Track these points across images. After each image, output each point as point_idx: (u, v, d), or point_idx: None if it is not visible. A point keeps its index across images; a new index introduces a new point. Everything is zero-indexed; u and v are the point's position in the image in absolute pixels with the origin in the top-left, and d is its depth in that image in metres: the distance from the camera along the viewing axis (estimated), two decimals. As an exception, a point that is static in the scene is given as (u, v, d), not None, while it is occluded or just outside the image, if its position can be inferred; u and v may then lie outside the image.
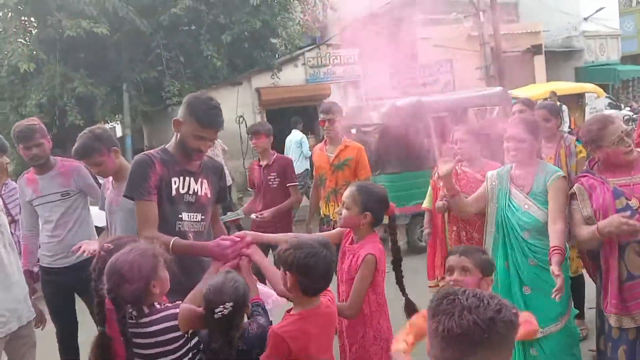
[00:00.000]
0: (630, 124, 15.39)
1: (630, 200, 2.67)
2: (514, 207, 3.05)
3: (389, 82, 16.94)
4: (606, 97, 14.92)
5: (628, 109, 16.58)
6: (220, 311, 2.12)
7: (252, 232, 2.75)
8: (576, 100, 13.64)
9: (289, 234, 3.15)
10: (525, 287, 3.01)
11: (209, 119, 2.72)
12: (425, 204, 4.42)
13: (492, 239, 3.16)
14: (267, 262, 2.58)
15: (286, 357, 2.15)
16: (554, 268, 2.74)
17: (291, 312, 2.28)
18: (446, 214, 3.89)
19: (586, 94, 13.45)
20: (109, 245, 2.39)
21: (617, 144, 2.70)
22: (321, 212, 4.89)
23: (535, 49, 18.34)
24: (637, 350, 2.71)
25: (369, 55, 16.67)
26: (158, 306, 2.21)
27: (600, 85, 18.85)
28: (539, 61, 18.82)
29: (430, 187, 4.36)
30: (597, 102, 13.52)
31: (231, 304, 2.14)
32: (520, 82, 17.26)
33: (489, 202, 3.18)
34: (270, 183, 4.98)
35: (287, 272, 2.19)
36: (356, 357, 2.62)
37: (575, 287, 4.00)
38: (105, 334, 2.35)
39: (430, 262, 4.43)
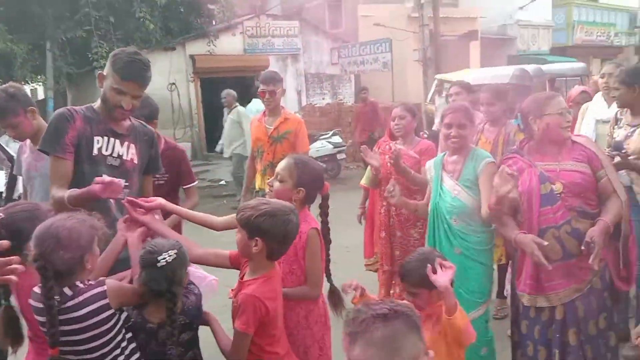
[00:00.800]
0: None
1: (554, 185, 2.70)
2: (444, 193, 3.06)
3: (329, 57, 16.90)
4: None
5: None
6: (164, 258, 2.03)
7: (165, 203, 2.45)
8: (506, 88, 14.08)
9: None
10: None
11: (129, 70, 2.54)
12: (364, 181, 4.37)
13: (429, 227, 3.18)
14: (168, 231, 2.38)
15: (263, 318, 2.12)
16: None
17: (250, 278, 2.20)
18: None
19: (517, 82, 13.87)
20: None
21: (560, 115, 2.73)
22: (256, 186, 4.73)
23: (472, 35, 18.70)
24: (550, 332, 2.77)
25: (310, 29, 16.54)
26: (81, 285, 1.99)
27: (529, 74, 19.62)
28: (475, 47, 19.25)
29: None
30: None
31: (175, 251, 2.07)
32: (455, 66, 17.61)
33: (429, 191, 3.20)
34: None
35: (257, 238, 2.11)
36: (300, 335, 2.52)
37: (500, 274, 4.12)
38: (12, 308, 2.15)
39: (367, 240, 4.42)
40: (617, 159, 3.28)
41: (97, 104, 2.68)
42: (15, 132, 3.19)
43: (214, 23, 14.27)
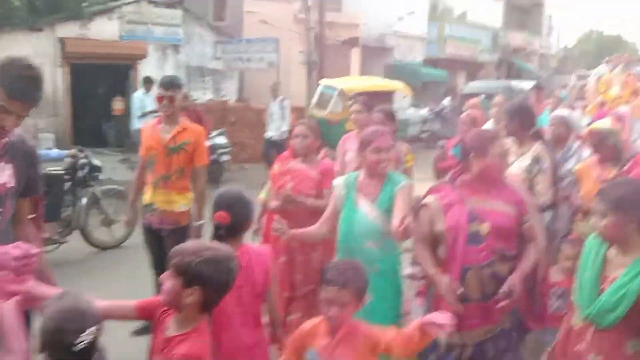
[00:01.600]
0: (427, 123, 17.02)
1: (482, 225, 2.72)
2: (360, 216, 3.01)
3: (212, 51, 16.32)
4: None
5: (427, 109, 18.29)
6: (82, 341, 1.63)
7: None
8: (386, 97, 14.58)
9: None
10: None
11: (19, 88, 2.19)
12: (263, 194, 4.20)
13: (339, 249, 3.10)
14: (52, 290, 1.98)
15: None
16: None
17: (179, 333, 1.93)
18: None
19: (395, 92, 14.42)
20: None
21: (502, 157, 2.80)
22: (146, 200, 4.32)
23: (354, 41, 19.22)
24: None
25: (194, 20, 15.85)
26: None
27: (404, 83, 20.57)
28: (356, 53, 19.80)
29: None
30: (403, 101, 14.59)
31: (95, 327, 1.69)
32: (337, 71, 17.95)
33: (339, 212, 3.10)
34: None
35: (196, 287, 1.87)
36: None
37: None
38: None
39: None
40: None
41: None
42: None
43: (88, 4, 13.11)
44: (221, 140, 10.75)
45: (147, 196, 4.32)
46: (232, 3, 19.78)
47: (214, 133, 10.78)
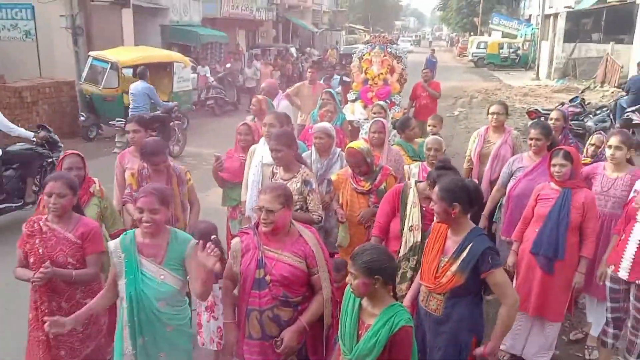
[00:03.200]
0: (211, 90, 16.92)
1: (266, 275, 2.95)
2: (147, 278, 2.93)
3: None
4: (190, 61, 15.81)
5: (207, 69, 18.12)
6: None
7: None
8: (164, 68, 14.04)
9: None
10: (162, 354, 2.98)
11: None
12: None
13: (124, 312, 2.95)
14: None
15: None
16: None
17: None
18: None
19: (174, 63, 13.92)
20: None
21: (258, 211, 3.00)
22: None
23: (124, 2, 17.84)
24: None
25: None
26: None
27: (183, 46, 19.93)
28: (127, 15, 18.42)
29: None
30: (183, 71, 14.19)
31: None
32: (108, 36, 16.60)
33: (119, 279, 2.95)
34: None
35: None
36: None
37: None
38: None
39: None
40: None
41: None
42: None
43: None
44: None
45: None
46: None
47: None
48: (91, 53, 13.15)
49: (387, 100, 9.43)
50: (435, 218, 3.17)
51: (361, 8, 66.47)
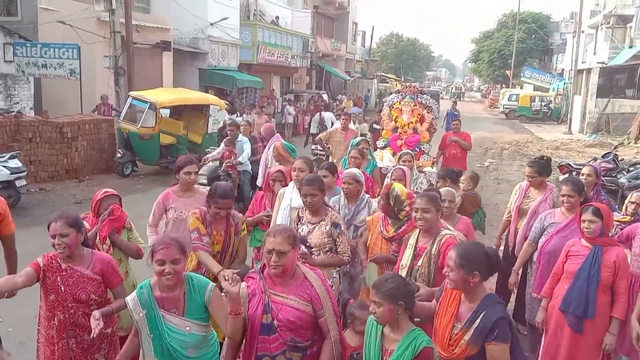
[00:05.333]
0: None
1: (274, 320, 2.93)
2: (173, 332, 2.91)
3: (2, 53, 14.58)
4: (225, 104, 16.18)
5: (245, 116, 18.49)
6: None
7: None
8: (201, 110, 14.45)
9: None
10: None
11: None
12: None
13: None
14: None
15: None
16: None
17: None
18: None
19: (210, 105, 14.31)
20: None
21: (267, 254, 2.93)
22: None
23: (165, 45, 18.59)
24: None
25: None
26: None
27: (219, 89, 20.52)
28: (167, 58, 19.17)
29: None
30: (219, 113, 14.56)
31: None
32: (148, 77, 17.24)
33: (142, 333, 2.94)
34: None
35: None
36: None
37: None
38: None
39: None
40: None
41: None
42: None
43: None
44: (15, 163, 9.70)
45: None
46: (24, -3, 17.80)
47: (6, 156, 9.71)
48: (131, 93, 13.64)
49: (415, 149, 9.53)
50: (448, 284, 3.01)
51: (393, 58, 67.68)
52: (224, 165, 9.00)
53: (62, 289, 3.26)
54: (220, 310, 2.96)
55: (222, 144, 9.47)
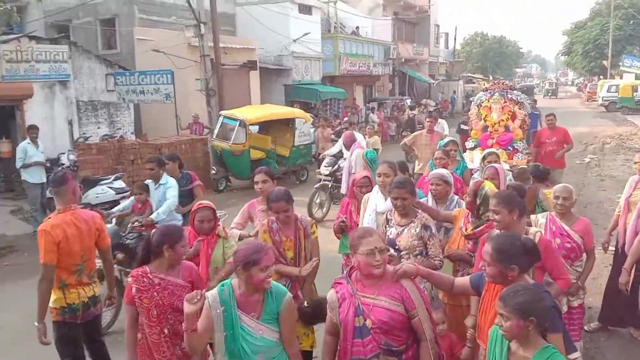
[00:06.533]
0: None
1: (366, 321, 2.91)
2: (246, 333, 2.92)
3: (104, 84, 15.75)
4: (310, 117, 16.39)
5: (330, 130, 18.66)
6: None
7: None
8: (287, 123, 14.80)
9: None
10: None
11: None
12: None
13: None
14: None
15: None
16: None
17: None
18: None
19: (296, 119, 14.62)
20: None
21: (367, 256, 2.91)
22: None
23: (251, 64, 19.28)
24: None
25: (81, 53, 15.21)
26: None
27: (304, 103, 20.92)
28: (254, 76, 19.86)
29: None
30: (304, 126, 14.82)
31: None
32: (237, 95, 17.92)
33: (215, 329, 2.94)
34: None
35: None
36: None
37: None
38: None
39: None
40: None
41: None
42: None
43: (-39, 45, 12.20)
44: (119, 184, 10.42)
45: None
46: (121, 31, 19.18)
47: (111, 178, 10.45)
48: (222, 112, 14.23)
49: (509, 148, 9.16)
50: (487, 279, 2.91)
51: (479, 57, 65.65)
52: (130, 224, 6.19)
53: (161, 302, 3.39)
54: (290, 322, 3.00)
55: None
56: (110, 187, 10.21)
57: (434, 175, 4.73)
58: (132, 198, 6.71)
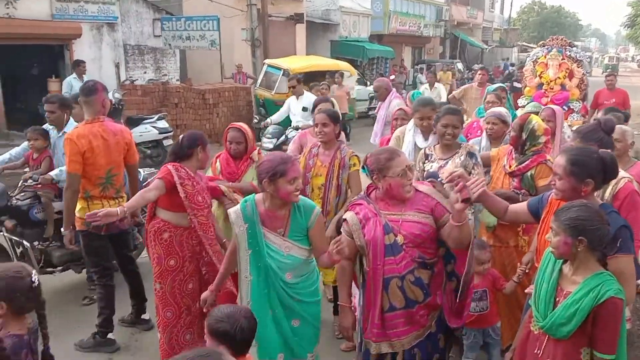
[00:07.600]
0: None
1: (397, 237, 2.76)
2: (273, 251, 2.85)
3: (151, 29, 15.74)
4: (357, 74, 16.09)
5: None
6: None
7: None
8: (332, 75, 14.48)
9: None
10: (294, 321, 2.94)
11: None
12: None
13: (248, 285, 2.92)
14: None
15: None
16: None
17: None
18: None
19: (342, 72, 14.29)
20: None
21: (401, 177, 2.76)
22: None
23: (298, 17, 18.91)
24: None
25: (130, -4, 15.20)
26: None
27: (350, 60, 20.48)
28: (300, 30, 19.50)
29: None
30: (348, 79, 14.49)
31: None
32: (283, 48, 17.66)
33: (239, 248, 2.90)
34: None
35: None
36: None
37: (335, 293, 4.13)
38: None
39: None
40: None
41: None
42: None
43: (13, -19, 12.28)
44: (163, 124, 10.44)
45: None
46: (170, -23, 19.05)
47: (154, 117, 10.47)
48: (266, 61, 14.06)
49: (564, 107, 8.67)
50: (554, 194, 2.65)
51: (535, 26, 63.04)
52: (21, 181, 4.87)
53: (199, 197, 3.48)
54: (321, 236, 2.91)
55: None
56: (154, 126, 10.24)
57: (492, 114, 4.47)
58: (23, 145, 5.25)
